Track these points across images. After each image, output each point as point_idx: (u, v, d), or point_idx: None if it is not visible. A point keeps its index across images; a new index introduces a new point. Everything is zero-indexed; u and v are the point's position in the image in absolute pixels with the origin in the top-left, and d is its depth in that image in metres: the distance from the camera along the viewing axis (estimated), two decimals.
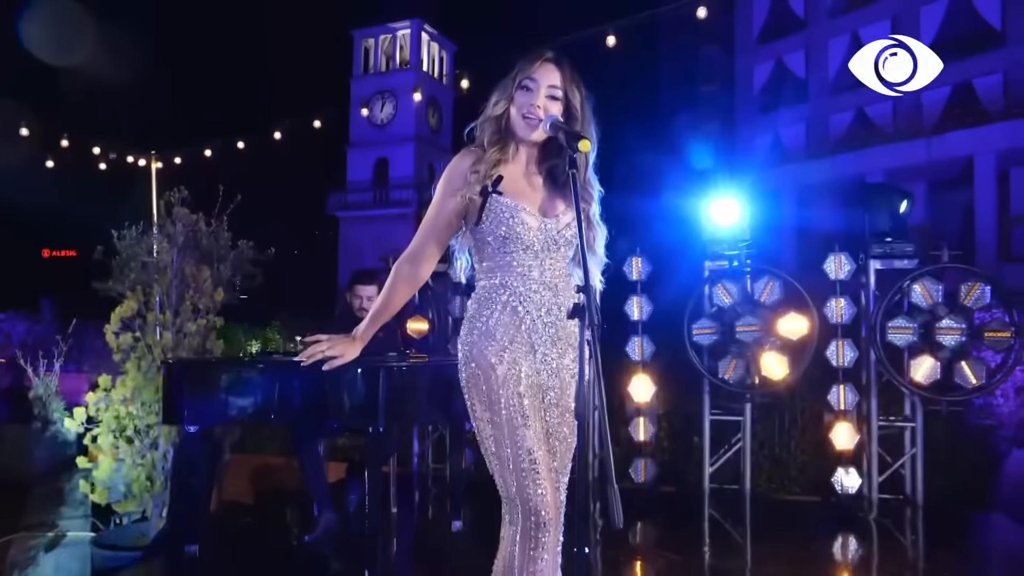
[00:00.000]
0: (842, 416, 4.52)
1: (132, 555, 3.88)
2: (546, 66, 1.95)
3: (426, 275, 2.04)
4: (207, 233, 5.74)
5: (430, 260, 2.02)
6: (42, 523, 4.64)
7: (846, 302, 4.49)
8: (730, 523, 4.67)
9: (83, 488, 4.16)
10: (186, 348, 4.40)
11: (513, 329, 1.93)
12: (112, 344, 4.22)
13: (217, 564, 3.69)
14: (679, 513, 4.85)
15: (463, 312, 2.24)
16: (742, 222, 4.80)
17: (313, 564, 3.75)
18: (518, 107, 1.93)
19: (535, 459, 1.86)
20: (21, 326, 12.35)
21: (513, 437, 1.88)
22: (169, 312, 4.37)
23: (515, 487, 1.87)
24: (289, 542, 4.04)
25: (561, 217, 1.96)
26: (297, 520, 4.44)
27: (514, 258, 1.93)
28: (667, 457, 5.57)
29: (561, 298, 1.95)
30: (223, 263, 5.74)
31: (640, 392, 4.87)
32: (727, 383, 4.62)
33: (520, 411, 1.89)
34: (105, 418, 4.29)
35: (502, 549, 1.93)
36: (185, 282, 4.50)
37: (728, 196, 4.80)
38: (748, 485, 4.92)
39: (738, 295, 4.58)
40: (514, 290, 1.93)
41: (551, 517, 1.86)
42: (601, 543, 4.33)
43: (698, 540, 4.33)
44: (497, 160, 1.95)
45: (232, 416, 3.24)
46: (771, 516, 4.75)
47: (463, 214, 1.98)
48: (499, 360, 1.91)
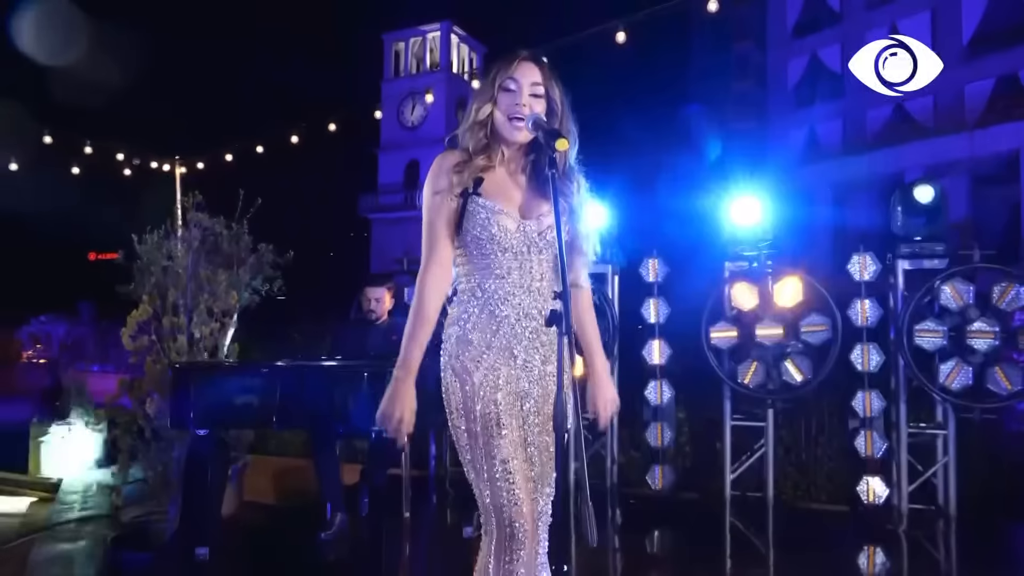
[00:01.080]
0: (868, 423, 4.36)
1: (146, 555, 3.92)
2: (525, 64, 1.90)
3: (451, 277, 1.96)
4: (228, 237, 5.81)
5: (449, 260, 1.93)
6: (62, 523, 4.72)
7: (871, 304, 4.33)
8: (752, 532, 4.54)
9: (100, 488, 4.22)
10: (200, 351, 4.44)
11: (490, 334, 1.87)
12: (128, 347, 4.28)
13: (226, 567, 3.70)
14: (699, 521, 4.73)
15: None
16: (764, 221, 4.66)
17: (320, 568, 3.74)
18: (503, 109, 1.88)
19: (510, 469, 1.80)
20: (61, 328, 12.70)
21: (488, 447, 1.82)
22: (183, 316, 4.40)
23: (489, 497, 1.82)
24: (301, 544, 4.02)
25: (544, 219, 1.90)
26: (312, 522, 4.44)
27: (492, 260, 1.87)
28: (688, 463, 5.45)
29: (545, 302, 1.89)
30: (243, 266, 5.80)
31: (656, 396, 4.76)
32: (747, 388, 4.49)
33: (496, 420, 1.83)
34: (123, 420, 4.35)
35: (479, 561, 1.87)
36: (200, 286, 4.53)
37: (749, 194, 4.67)
38: (771, 493, 4.78)
39: (758, 297, 4.44)
40: (492, 293, 1.87)
41: (527, 529, 1.80)
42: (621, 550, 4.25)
43: (719, 549, 4.21)
44: (483, 166, 1.90)
45: (236, 420, 3.24)
46: (795, 525, 4.61)
47: (454, 212, 1.92)
48: (475, 366, 1.85)
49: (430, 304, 1.88)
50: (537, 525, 1.86)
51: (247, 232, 5.89)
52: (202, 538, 3.63)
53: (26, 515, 4.78)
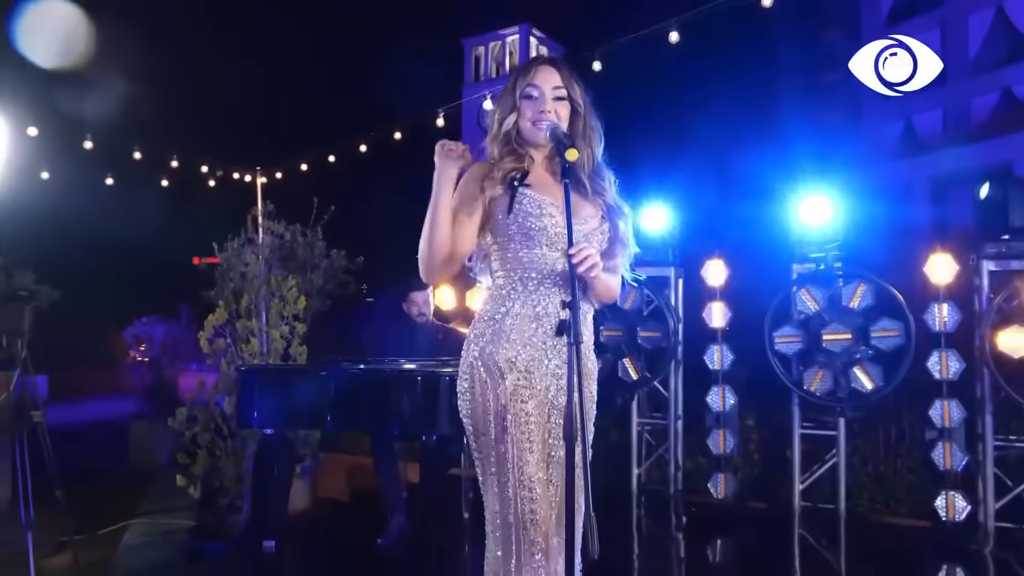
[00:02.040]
0: (947, 434, 4.10)
1: (220, 545, 4.15)
2: (544, 69, 1.90)
3: (448, 273, 1.93)
4: (303, 244, 6.07)
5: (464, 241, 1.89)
6: (153, 512, 5.07)
7: (950, 308, 4.07)
8: (823, 545, 4.37)
9: (180, 482, 4.50)
10: (272, 353, 4.66)
11: (530, 332, 1.84)
12: (205, 349, 4.54)
13: (290, 560, 3.88)
14: (763, 530, 4.59)
15: None
16: (835, 221, 4.47)
17: (375, 566, 3.85)
18: (528, 117, 1.88)
19: (533, 486, 1.78)
20: (161, 329, 13.58)
21: (512, 456, 1.78)
22: (256, 319, 4.64)
23: (509, 511, 1.78)
24: (362, 543, 4.16)
25: (589, 221, 1.88)
26: (374, 522, 4.57)
27: (536, 254, 1.84)
28: (756, 471, 5.29)
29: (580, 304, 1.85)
30: (315, 271, 6.04)
31: (719, 402, 4.64)
32: (813, 395, 4.31)
33: (526, 431, 1.79)
34: (203, 417, 4.62)
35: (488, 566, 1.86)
36: (272, 291, 4.76)
37: (820, 193, 4.49)
38: (843, 504, 4.57)
39: (824, 301, 4.26)
40: (534, 290, 1.85)
41: (545, 545, 1.77)
42: (685, 562, 4.18)
43: (782, 561, 4.07)
44: (514, 167, 1.90)
45: (295, 420, 3.39)
46: (869, 539, 4.40)
47: (477, 222, 1.91)
48: (509, 367, 1.81)
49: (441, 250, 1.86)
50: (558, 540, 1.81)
51: (321, 239, 6.15)
52: (269, 531, 3.82)
53: (122, 505, 5.17)
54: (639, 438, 5.25)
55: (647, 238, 5.14)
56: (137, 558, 4.23)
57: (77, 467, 5.65)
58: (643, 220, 5.10)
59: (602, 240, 1.91)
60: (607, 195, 1.93)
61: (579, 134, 1.92)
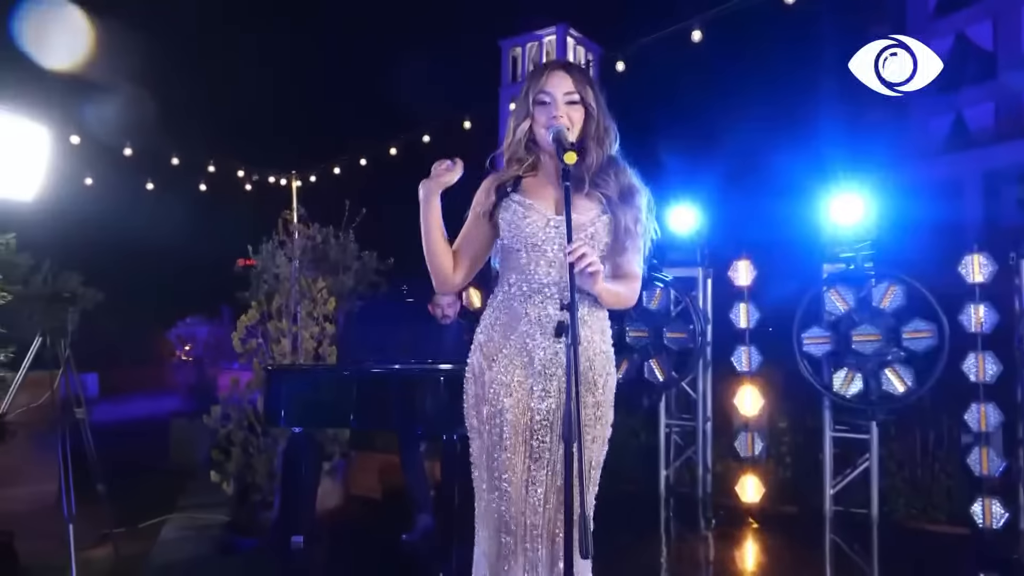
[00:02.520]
0: (983, 439, 3.98)
1: (252, 540, 4.26)
2: (556, 75, 1.91)
3: (458, 283, 2.03)
4: (336, 246, 6.18)
5: (459, 269, 2.00)
6: (190, 507, 5.23)
7: (987, 308, 3.94)
8: (855, 550, 4.27)
9: (214, 478, 4.63)
10: (302, 353, 4.76)
11: (510, 330, 1.89)
12: (238, 349, 4.66)
13: (318, 555, 3.96)
14: (795, 535, 4.50)
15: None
16: (867, 220, 4.37)
17: (398, 562, 3.91)
18: (542, 123, 1.90)
19: (507, 481, 1.82)
20: (204, 329, 13.94)
21: (488, 452, 1.86)
22: (287, 320, 4.74)
23: (484, 504, 1.86)
24: (388, 539, 4.22)
25: (580, 216, 1.87)
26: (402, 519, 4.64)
27: (521, 256, 1.89)
28: (789, 475, 5.20)
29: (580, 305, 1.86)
30: (347, 273, 6.15)
31: (747, 405, 4.58)
32: (843, 398, 4.23)
33: (499, 427, 1.85)
34: (236, 415, 4.75)
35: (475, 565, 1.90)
36: (303, 292, 4.86)
37: (852, 192, 4.40)
38: (875, 509, 4.47)
39: (854, 301, 4.18)
40: (518, 288, 1.90)
41: (518, 539, 1.80)
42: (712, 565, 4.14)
43: (815, 566, 3.99)
44: (517, 174, 1.94)
45: (319, 418, 3.46)
46: (904, 546, 4.29)
47: (486, 230, 1.98)
48: (488, 365, 1.89)
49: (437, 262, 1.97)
50: (554, 539, 1.83)
51: (353, 240, 6.25)
52: (297, 527, 3.91)
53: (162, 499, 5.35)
54: (667, 440, 5.22)
55: (675, 238, 5.11)
56: (173, 551, 4.37)
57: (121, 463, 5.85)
58: (671, 221, 5.07)
59: (601, 231, 1.91)
60: (609, 188, 1.92)
61: (591, 135, 1.94)
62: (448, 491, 3.25)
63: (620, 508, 4.94)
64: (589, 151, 1.92)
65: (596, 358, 1.91)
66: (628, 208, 1.93)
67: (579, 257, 1.68)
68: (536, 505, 1.83)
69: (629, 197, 1.94)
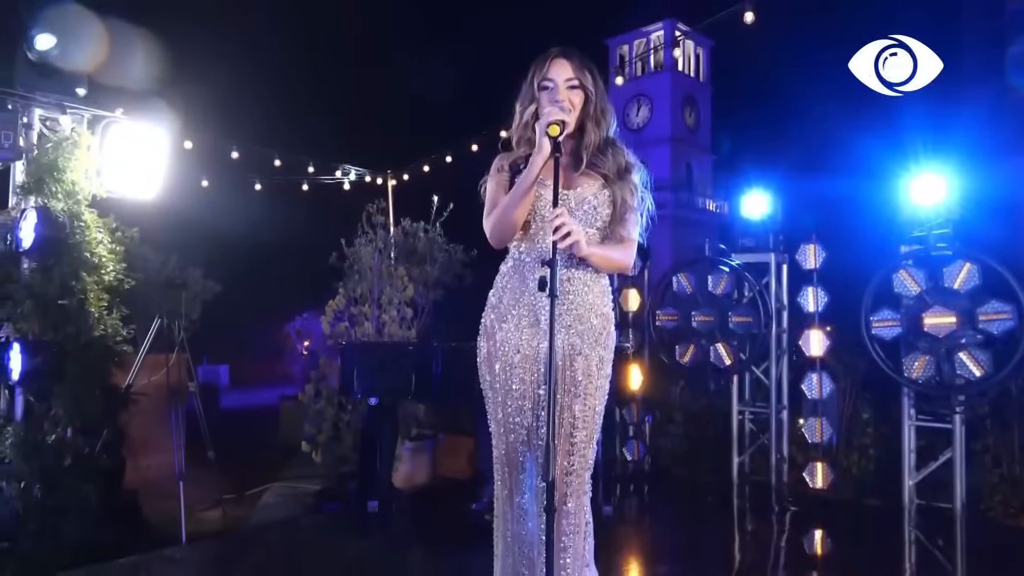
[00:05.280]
0: None
1: (336, 504, 4.67)
2: (557, 62, 2.08)
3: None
4: (424, 239, 6.56)
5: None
6: (290, 478, 5.75)
7: None
8: (938, 545, 4.10)
9: (305, 448, 5.08)
10: (385, 336, 5.14)
11: (519, 294, 2.07)
12: (327, 331, 5.10)
13: (389, 517, 4.29)
14: (870, 526, 4.37)
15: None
16: (949, 200, 4.19)
17: (462, 527, 4.15)
18: (544, 106, 2.06)
19: (515, 424, 2.02)
20: (319, 323, 14.88)
21: (501, 402, 2.05)
22: (371, 305, 5.13)
23: (496, 449, 2.05)
24: (458, 509, 4.46)
25: (581, 191, 2.05)
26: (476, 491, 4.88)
27: (530, 226, 2.07)
28: (871, 467, 5.02)
29: (574, 271, 2.04)
30: (434, 264, 6.51)
31: (816, 390, 4.49)
32: (915, 383, 4.07)
33: (507, 378, 2.04)
34: (326, 392, 5.19)
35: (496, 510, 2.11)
36: (385, 280, 5.24)
37: (933, 172, 4.24)
38: (958, 503, 4.26)
39: (926, 282, 4.01)
40: (523, 257, 2.08)
41: (528, 485, 1.99)
42: (783, 552, 4.11)
43: (890, 559, 3.87)
44: (520, 156, 2.12)
45: (387, 390, 3.77)
46: (993, 542, 4.08)
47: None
48: (499, 326, 2.08)
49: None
50: (566, 482, 1.98)
51: (441, 234, 6.61)
52: (373, 493, 4.25)
53: (267, 472, 5.93)
54: (740, 427, 5.17)
55: (748, 224, 5.07)
56: (270, 513, 4.89)
57: (237, 442, 6.53)
58: (744, 207, 5.05)
59: (602, 205, 2.07)
60: (606, 166, 2.09)
61: (590, 116, 2.11)
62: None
63: (693, 494, 4.98)
64: (588, 131, 2.09)
65: (598, 318, 2.08)
66: (625, 184, 2.09)
67: (556, 228, 1.85)
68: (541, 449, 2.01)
69: (625, 174, 2.10)
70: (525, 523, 2.02)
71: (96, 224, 4.09)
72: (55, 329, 3.88)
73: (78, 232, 3.98)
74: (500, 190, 2.11)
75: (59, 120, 4.14)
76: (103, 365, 4.15)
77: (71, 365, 3.93)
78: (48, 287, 3.87)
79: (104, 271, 4.07)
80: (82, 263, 3.97)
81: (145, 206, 4.55)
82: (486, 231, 2.13)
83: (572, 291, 2.04)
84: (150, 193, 4.50)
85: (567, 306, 2.04)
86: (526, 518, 2.02)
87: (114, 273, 4.12)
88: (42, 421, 3.86)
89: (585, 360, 2.03)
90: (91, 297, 3.99)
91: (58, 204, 3.96)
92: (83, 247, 3.99)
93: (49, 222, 3.84)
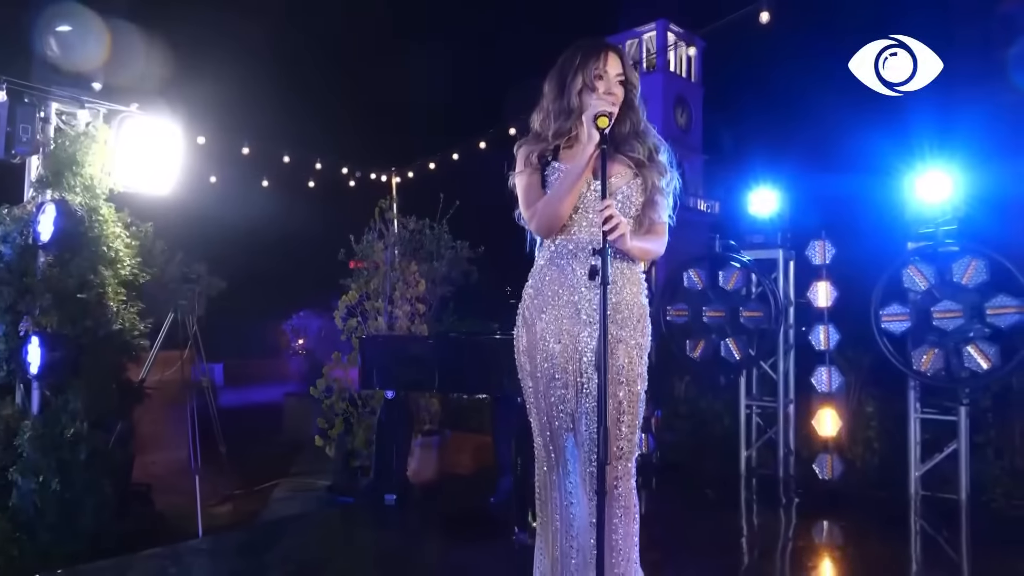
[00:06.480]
0: None
1: (351, 498, 4.69)
2: (612, 56, 2.13)
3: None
4: (431, 236, 6.59)
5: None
6: (299, 473, 5.77)
7: None
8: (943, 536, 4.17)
9: (318, 442, 5.10)
10: (397, 330, 5.16)
11: (557, 286, 2.10)
12: (340, 326, 5.12)
13: (407, 511, 4.32)
14: (877, 517, 4.44)
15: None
16: (955, 197, 4.28)
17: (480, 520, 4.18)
18: (597, 95, 2.07)
19: (557, 414, 2.07)
20: (316, 322, 14.86)
21: (543, 392, 2.09)
22: (383, 300, 5.16)
23: (539, 436, 2.10)
24: (475, 503, 4.49)
25: (615, 179, 2.08)
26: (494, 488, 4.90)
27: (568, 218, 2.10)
28: (876, 460, 5.10)
29: (615, 261, 2.06)
30: (440, 261, 6.54)
31: (825, 383, 4.56)
32: (924, 376, 4.15)
33: (550, 369, 2.08)
34: (337, 387, 5.21)
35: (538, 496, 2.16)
36: (397, 276, 5.27)
37: (937, 169, 4.32)
38: (964, 494, 4.35)
39: (934, 277, 4.09)
40: (564, 246, 2.11)
41: (573, 469, 2.04)
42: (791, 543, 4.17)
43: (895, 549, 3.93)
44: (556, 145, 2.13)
45: (407, 382, 3.80)
46: (997, 533, 4.15)
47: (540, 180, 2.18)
48: (538, 317, 2.11)
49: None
50: (616, 467, 2.01)
51: (447, 231, 6.63)
52: (390, 487, 4.28)
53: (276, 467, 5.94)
54: (747, 421, 5.24)
55: (757, 221, 5.14)
56: (282, 508, 4.91)
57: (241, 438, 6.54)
58: (752, 204, 5.11)
59: (635, 192, 2.12)
60: (638, 151, 2.13)
61: (631, 107, 2.17)
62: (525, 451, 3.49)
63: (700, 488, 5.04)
64: (624, 121, 2.13)
65: (634, 307, 2.13)
66: (655, 166, 2.14)
67: (606, 219, 1.89)
68: (587, 435, 2.05)
69: (656, 154, 2.15)
70: (572, 508, 2.07)
71: (113, 218, 4.11)
72: (73, 323, 3.89)
73: (96, 226, 3.99)
74: (533, 182, 2.14)
75: (76, 114, 4.15)
76: (119, 359, 4.17)
77: (88, 359, 3.94)
78: (66, 281, 3.88)
79: (121, 265, 4.08)
80: (100, 257, 3.98)
81: (157, 201, 4.57)
82: (528, 224, 2.16)
83: (612, 281, 2.08)
84: (165, 188, 4.51)
85: (617, 296, 2.08)
86: (573, 503, 2.07)
87: (130, 267, 4.13)
88: (59, 415, 3.86)
89: (627, 348, 2.08)
90: (109, 291, 4.00)
91: (76, 198, 3.97)
92: (101, 241, 4.00)
93: (68, 216, 3.85)
